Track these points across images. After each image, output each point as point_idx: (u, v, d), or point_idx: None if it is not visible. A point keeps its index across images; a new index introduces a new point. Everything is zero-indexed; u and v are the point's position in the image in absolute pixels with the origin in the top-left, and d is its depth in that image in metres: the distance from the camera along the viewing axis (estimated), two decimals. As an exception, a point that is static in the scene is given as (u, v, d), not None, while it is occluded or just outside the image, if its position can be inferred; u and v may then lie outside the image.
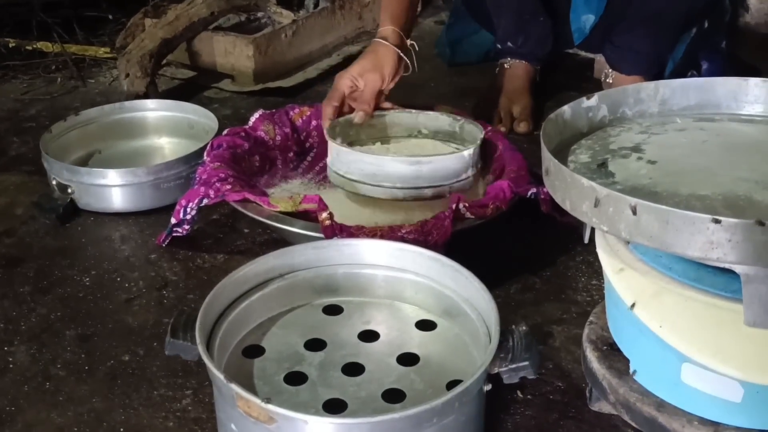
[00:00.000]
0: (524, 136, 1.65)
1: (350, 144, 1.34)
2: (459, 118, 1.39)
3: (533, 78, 1.76)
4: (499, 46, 1.77)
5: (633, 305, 0.85)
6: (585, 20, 1.73)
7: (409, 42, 1.41)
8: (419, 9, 2.23)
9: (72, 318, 1.17)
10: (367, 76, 1.36)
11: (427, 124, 1.41)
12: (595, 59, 1.88)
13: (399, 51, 1.37)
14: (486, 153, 1.41)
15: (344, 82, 1.37)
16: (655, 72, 1.69)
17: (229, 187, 1.22)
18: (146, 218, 1.39)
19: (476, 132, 1.34)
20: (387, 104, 1.42)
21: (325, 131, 1.33)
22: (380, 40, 1.38)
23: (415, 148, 1.37)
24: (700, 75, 1.71)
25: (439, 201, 1.26)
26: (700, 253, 0.74)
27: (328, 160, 1.32)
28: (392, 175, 1.23)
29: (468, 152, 1.26)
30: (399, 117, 1.41)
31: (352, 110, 1.38)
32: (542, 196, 1.23)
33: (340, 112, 1.36)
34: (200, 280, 1.24)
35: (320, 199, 1.15)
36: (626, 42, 1.68)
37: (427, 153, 1.33)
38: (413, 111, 1.42)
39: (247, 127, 1.40)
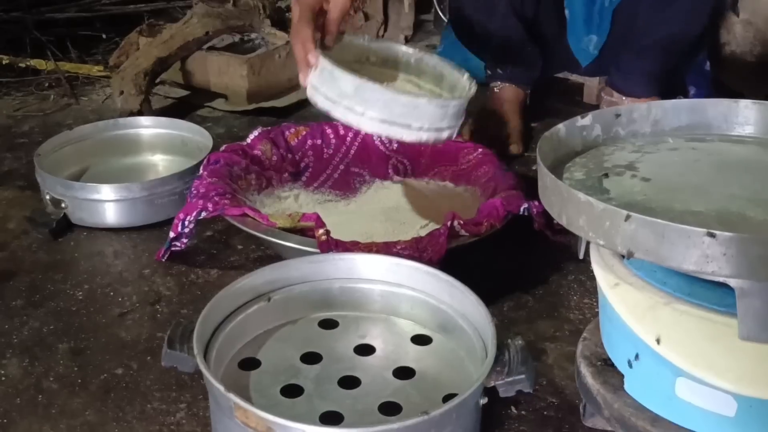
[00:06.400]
0: (515, 158, 1.66)
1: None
2: (420, 51, 1.34)
3: (523, 101, 1.78)
4: (488, 71, 1.80)
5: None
6: (587, 41, 1.74)
7: None
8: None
9: (65, 331, 1.16)
10: None
11: (377, 52, 1.34)
12: (584, 84, 1.90)
13: None
14: (477, 174, 1.42)
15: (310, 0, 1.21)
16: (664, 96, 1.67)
17: (227, 201, 1.23)
18: (139, 234, 1.39)
19: (441, 66, 1.28)
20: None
21: (323, 59, 1.14)
22: None
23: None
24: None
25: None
26: (696, 266, 0.75)
27: (330, 92, 1.14)
28: (423, 116, 1.16)
29: (469, 94, 1.23)
30: (350, 41, 1.30)
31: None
32: (534, 211, 1.24)
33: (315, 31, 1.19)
34: (194, 295, 1.24)
35: (318, 217, 1.16)
36: (633, 65, 1.66)
37: (403, 89, 1.28)
38: (365, 37, 1.35)
39: (245, 144, 1.41)
